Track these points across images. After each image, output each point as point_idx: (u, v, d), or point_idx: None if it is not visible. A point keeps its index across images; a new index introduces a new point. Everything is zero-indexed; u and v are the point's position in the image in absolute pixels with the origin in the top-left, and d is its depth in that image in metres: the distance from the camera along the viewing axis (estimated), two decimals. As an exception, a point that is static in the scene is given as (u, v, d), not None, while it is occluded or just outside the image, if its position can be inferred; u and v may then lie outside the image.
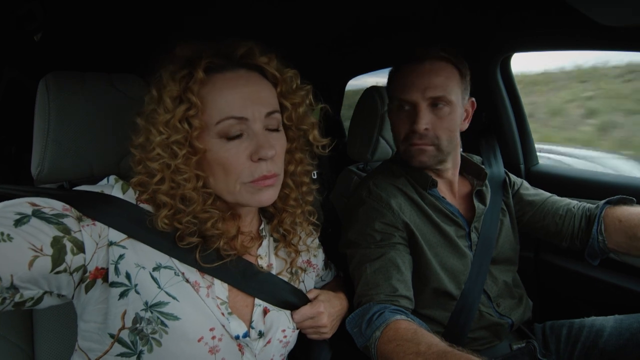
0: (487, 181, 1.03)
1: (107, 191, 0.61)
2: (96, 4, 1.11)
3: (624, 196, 0.94)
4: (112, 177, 0.65)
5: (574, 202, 1.01)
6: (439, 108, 0.89)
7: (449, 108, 0.89)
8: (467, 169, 1.04)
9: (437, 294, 0.91)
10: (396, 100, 0.94)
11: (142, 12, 1.21)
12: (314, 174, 0.79)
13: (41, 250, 0.48)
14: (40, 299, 0.52)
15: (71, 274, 0.52)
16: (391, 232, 0.89)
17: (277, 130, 0.66)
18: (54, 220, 0.51)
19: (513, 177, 1.11)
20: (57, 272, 0.50)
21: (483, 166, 1.04)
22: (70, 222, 0.53)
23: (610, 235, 0.90)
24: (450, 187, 1.01)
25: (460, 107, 0.92)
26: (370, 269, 0.85)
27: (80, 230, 0.54)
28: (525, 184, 1.11)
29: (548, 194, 1.07)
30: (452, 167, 0.99)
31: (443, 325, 0.91)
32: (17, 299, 0.48)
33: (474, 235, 0.96)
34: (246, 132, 0.61)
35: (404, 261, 0.87)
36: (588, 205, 0.98)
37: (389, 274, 0.83)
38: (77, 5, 1.10)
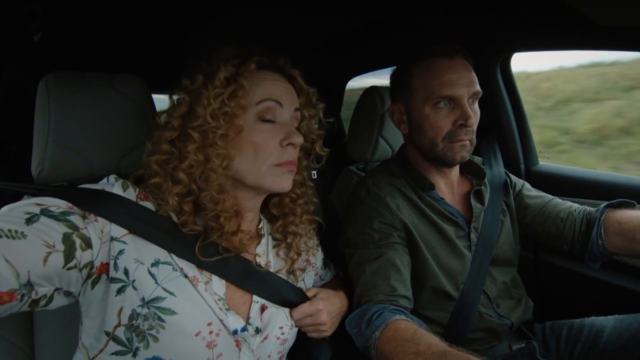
0: (486, 181, 1.02)
1: (107, 189, 0.62)
2: (96, 5, 1.11)
3: (625, 200, 0.94)
4: (112, 177, 0.66)
5: (575, 206, 1.01)
6: (474, 103, 0.90)
7: (477, 103, 0.91)
8: (468, 169, 1.04)
9: (436, 295, 0.91)
10: (434, 98, 0.89)
11: (142, 12, 1.21)
12: (313, 174, 0.81)
13: (53, 246, 0.50)
14: (51, 297, 0.53)
15: (80, 270, 0.54)
16: (389, 232, 0.89)
17: (297, 128, 0.74)
18: (61, 217, 0.53)
19: (514, 178, 1.11)
20: (69, 268, 0.52)
21: (483, 166, 1.04)
22: (76, 219, 0.54)
23: (610, 238, 0.90)
24: (450, 187, 1.01)
25: None
26: (369, 269, 0.85)
27: (86, 227, 0.55)
28: (527, 185, 1.11)
29: (550, 197, 1.06)
30: (457, 166, 0.99)
31: (442, 326, 0.91)
32: (33, 296, 0.49)
33: (473, 236, 0.96)
34: (279, 119, 0.69)
35: (402, 261, 0.87)
36: (589, 208, 0.98)
37: (388, 274, 0.83)
38: (77, 5, 1.10)
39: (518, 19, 1.10)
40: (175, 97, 0.68)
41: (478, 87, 0.89)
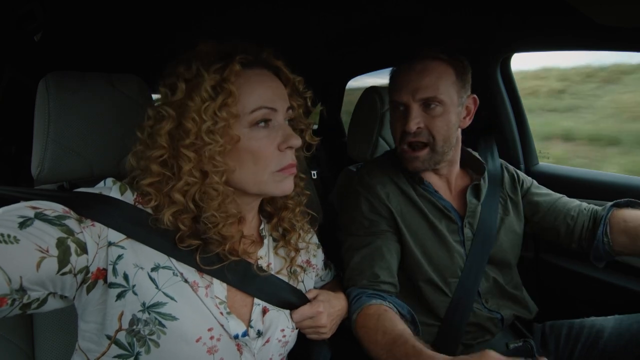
0: (485, 176, 1.02)
1: (105, 193, 0.61)
2: (96, 4, 1.11)
3: (633, 200, 0.94)
4: (109, 180, 0.64)
5: (584, 204, 1.01)
6: (432, 108, 0.89)
7: (442, 108, 0.89)
8: (469, 163, 1.04)
9: (427, 288, 0.92)
10: (391, 102, 0.96)
11: (142, 12, 1.21)
12: (313, 174, 0.81)
13: (47, 251, 0.48)
14: (44, 301, 0.52)
15: (75, 275, 0.53)
16: (378, 220, 0.92)
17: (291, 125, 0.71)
18: (56, 222, 0.51)
19: (523, 175, 1.09)
20: (63, 274, 0.51)
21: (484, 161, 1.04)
22: (72, 224, 0.53)
23: (615, 236, 0.90)
24: (447, 182, 1.01)
25: (455, 106, 0.91)
26: (357, 255, 0.89)
27: (82, 232, 0.54)
28: (536, 183, 1.09)
29: (558, 195, 1.05)
30: (447, 165, 0.99)
31: (440, 319, 0.92)
32: (25, 300, 0.48)
33: (467, 231, 0.96)
34: (274, 123, 0.66)
35: (389, 249, 0.90)
36: (596, 207, 0.98)
37: (374, 261, 0.88)
38: (77, 5, 1.10)
39: (518, 19, 1.10)
40: (150, 111, 0.63)
41: (430, 93, 0.87)
